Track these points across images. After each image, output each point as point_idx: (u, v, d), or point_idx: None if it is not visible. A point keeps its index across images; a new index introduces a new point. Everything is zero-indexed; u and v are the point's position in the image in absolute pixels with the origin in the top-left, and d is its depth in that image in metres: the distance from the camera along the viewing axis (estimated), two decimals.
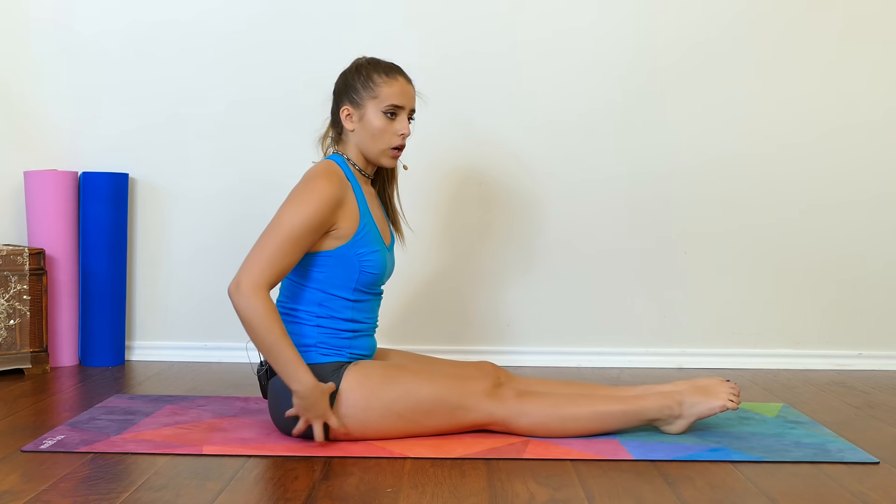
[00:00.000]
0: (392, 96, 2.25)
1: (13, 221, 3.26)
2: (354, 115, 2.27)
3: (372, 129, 2.25)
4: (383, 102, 2.25)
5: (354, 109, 2.27)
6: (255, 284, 2.10)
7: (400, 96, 2.26)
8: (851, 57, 3.27)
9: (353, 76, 2.29)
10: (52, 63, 3.25)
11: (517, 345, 3.30)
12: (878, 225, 3.30)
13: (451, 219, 3.29)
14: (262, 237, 2.14)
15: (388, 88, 2.25)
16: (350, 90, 2.28)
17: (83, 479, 1.90)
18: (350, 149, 2.31)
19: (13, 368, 2.97)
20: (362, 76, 2.27)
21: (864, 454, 2.15)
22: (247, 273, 2.11)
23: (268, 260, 2.11)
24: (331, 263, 2.21)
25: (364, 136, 2.27)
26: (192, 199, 3.27)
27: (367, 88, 2.26)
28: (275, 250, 2.12)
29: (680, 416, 2.27)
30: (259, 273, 2.11)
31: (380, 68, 2.28)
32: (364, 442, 2.18)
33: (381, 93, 2.25)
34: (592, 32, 3.25)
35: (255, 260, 2.12)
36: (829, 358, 3.31)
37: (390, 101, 2.25)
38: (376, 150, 2.27)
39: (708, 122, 3.27)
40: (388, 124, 2.26)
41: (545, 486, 1.90)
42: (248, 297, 2.09)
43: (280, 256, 2.12)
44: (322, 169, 2.22)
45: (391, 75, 2.27)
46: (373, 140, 2.26)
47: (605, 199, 3.28)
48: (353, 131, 2.28)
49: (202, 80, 3.25)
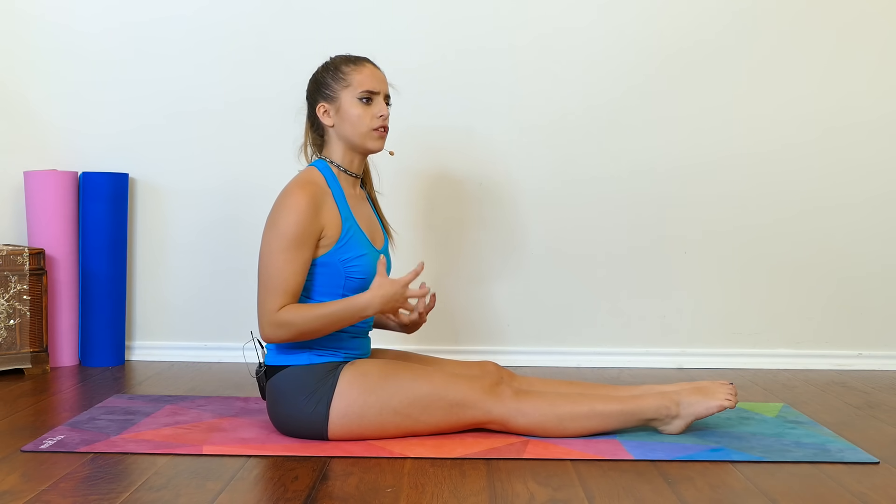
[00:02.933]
0: (364, 82, 2.27)
1: (13, 221, 3.26)
2: (331, 109, 2.29)
3: (350, 118, 2.27)
4: (357, 89, 2.27)
5: (330, 104, 2.29)
6: (273, 320, 2.15)
7: (371, 80, 2.28)
8: (850, 57, 3.27)
9: (321, 74, 2.32)
10: (52, 63, 3.25)
11: (517, 345, 3.30)
12: (878, 225, 3.30)
13: (450, 218, 3.29)
14: (258, 273, 2.19)
15: (359, 75, 2.28)
16: (322, 87, 2.30)
17: (83, 479, 1.90)
18: (334, 148, 2.31)
19: (13, 368, 2.97)
20: (331, 71, 2.30)
21: (864, 454, 2.15)
22: (262, 315, 2.17)
23: (272, 291, 2.15)
24: (318, 272, 2.22)
25: (345, 126, 2.28)
26: (192, 199, 3.27)
27: (337, 80, 2.28)
28: (272, 278, 2.16)
29: (677, 416, 2.27)
30: (271, 308, 2.15)
31: (347, 59, 2.32)
32: (364, 442, 2.18)
33: (353, 80, 2.27)
34: (591, 33, 3.25)
35: (262, 299, 2.18)
36: (829, 358, 3.31)
37: (363, 86, 2.27)
38: (360, 137, 2.28)
39: (707, 122, 3.27)
40: (366, 109, 2.27)
41: (545, 486, 1.90)
42: (275, 330, 2.15)
43: (281, 280, 2.15)
44: (295, 182, 2.24)
45: (359, 63, 2.30)
46: (353, 127, 2.27)
47: (605, 199, 3.28)
48: (334, 126, 2.29)
49: (202, 79, 3.25)
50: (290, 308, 2.14)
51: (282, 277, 2.15)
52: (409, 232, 3.18)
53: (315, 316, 2.14)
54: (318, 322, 2.14)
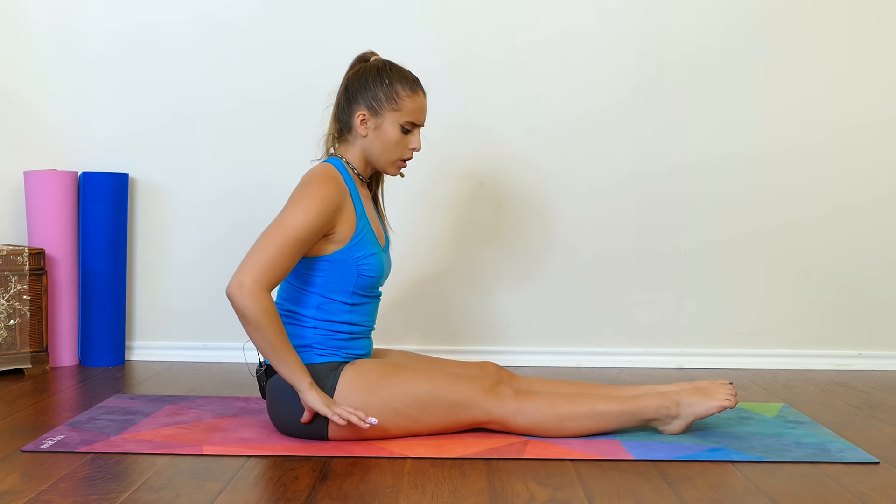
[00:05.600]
0: (414, 113, 2.24)
1: (13, 221, 3.26)
2: (371, 122, 2.24)
3: (386, 141, 2.24)
4: (404, 117, 2.23)
5: (371, 116, 2.24)
6: (259, 284, 2.08)
7: (420, 113, 2.26)
8: (857, 58, 3.26)
9: (374, 81, 2.24)
10: (52, 63, 3.24)
11: (517, 345, 3.30)
12: (878, 225, 3.30)
13: (451, 218, 3.28)
14: (264, 238, 2.12)
15: (412, 104, 2.24)
16: (370, 96, 2.23)
17: (83, 479, 1.90)
18: (352, 152, 2.29)
19: (13, 368, 2.97)
20: (385, 84, 2.23)
21: (864, 454, 2.15)
22: (249, 273, 2.09)
23: (270, 261, 2.10)
24: (329, 268, 2.21)
25: (376, 144, 2.25)
26: (193, 199, 3.27)
27: (389, 99, 2.22)
28: (277, 251, 2.10)
29: (677, 416, 2.27)
30: (262, 274, 2.09)
31: (403, 80, 2.25)
32: (364, 442, 2.18)
33: (405, 107, 2.23)
34: (597, 34, 3.24)
35: (258, 259, 2.10)
36: (829, 358, 3.31)
37: (411, 117, 2.24)
38: (385, 161, 2.26)
39: (707, 123, 3.27)
40: (403, 138, 2.25)
41: (545, 486, 1.90)
42: (253, 295, 2.07)
43: (281, 258, 2.11)
44: (321, 173, 2.21)
45: (415, 90, 2.25)
46: (385, 151, 2.25)
47: (605, 200, 3.28)
48: (366, 137, 2.25)
49: (202, 80, 3.25)
50: (271, 300, 2.10)
51: (283, 255, 2.10)
52: (409, 231, 3.18)
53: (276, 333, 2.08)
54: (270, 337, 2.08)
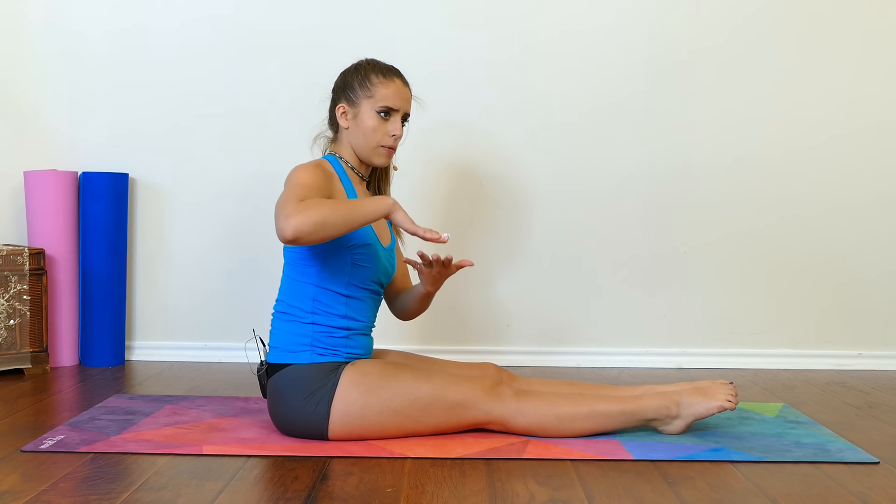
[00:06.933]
0: (387, 97, 2.30)
1: (13, 221, 3.26)
2: (349, 112, 2.32)
3: (364, 128, 2.30)
4: (378, 102, 2.29)
5: (350, 107, 2.32)
6: (297, 207, 2.05)
7: (394, 98, 2.30)
8: (857, 61, 3.26)
9: (351, 75, 2.35)
10: (52, 63, 3.25)
11: (517, 345, 3.30)
12: (878, 226, 3.30)
13: (451, 218, 3.29)
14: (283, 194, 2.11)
15: (384, 89, 2.30)
16: (347, 88, 2.33)
17: (83, 479, 1.90)
18: (344, 147, 2.36)
19: (13, 368, 2.97)
20: (360, 75, 2.33)
21: (864, 454, 2.15)
22: (283, 210, 2.05)
23: (298, 196, 2.08)
24: (324, 256, 2.22)
25: (356, 133, 2.31)
26: (192, 199, 3.27)
27: (363, 87, 2.31)
28: (298, 190, 2.10)
29: (677, 416, 2.27)
30: (296, 204, 2.05)
31: (378, 69, 2.33)
32: (364, 442, 2.18)
33: (377, 93, 2.30)
34: (598, 36, 3.24)
35: (287, 197, 2.08)
36: (829, 358, 3.31)
37: (385, 101, 2.29)
38: (367, 148, 2.31)
39: (707, 125, 3.27)
40: (381, 124, 2.30)
41: (545, 486, 1.90)
42: (298, 217, 2.03)
43: (307, 193, 2.11)
44: (307, 162, 2.28)
45: (388, 77, 2.32)
46: (364, 138, 2.30)
47: (605, 200, 3.28)
48: (348, 129, 2.33)
49: (203, 81, 3.25)
50: (308, 202, 2.07)
51: (305, 193, 2.10)
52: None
53: (332, 207, 2.06)
54: (336, 214, 2.05)
